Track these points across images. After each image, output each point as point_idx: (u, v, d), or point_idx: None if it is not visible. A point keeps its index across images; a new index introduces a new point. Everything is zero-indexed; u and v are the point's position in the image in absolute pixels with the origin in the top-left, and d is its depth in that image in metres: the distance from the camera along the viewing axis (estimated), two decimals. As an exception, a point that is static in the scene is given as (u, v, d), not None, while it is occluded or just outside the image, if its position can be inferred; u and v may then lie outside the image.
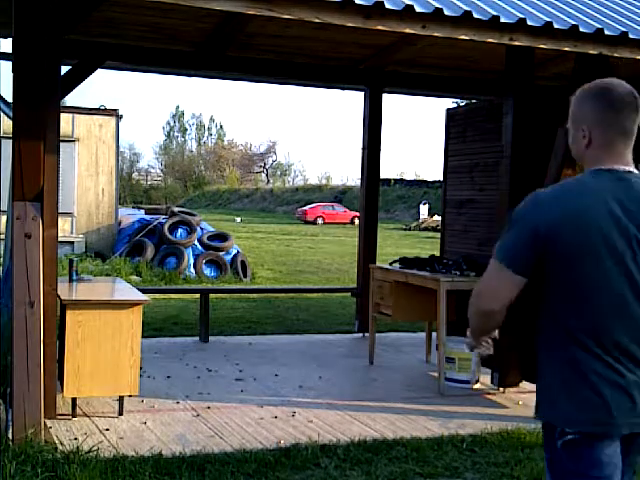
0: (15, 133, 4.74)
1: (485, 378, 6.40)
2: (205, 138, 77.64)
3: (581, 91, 2.52)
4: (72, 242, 16.18)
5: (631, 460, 2.48)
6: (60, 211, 5.32)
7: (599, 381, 2.32)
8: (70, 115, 16.25)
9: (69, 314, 5.00)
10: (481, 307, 2.47)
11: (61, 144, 5.29)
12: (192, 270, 14.56)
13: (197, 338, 8.05)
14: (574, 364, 2.35)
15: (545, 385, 2.43)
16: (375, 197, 8.67)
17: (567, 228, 2.31)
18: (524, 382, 6.21)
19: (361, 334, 8.42)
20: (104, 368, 5.05)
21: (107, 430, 4.86)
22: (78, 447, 4.39)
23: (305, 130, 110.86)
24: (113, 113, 17.48)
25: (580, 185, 2.40)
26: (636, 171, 2.41)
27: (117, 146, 17.56)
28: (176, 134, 77.03)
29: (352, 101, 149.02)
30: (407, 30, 4.49)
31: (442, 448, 4.74)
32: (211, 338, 8.05)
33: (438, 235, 6.24)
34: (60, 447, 4.46)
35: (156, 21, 6.25)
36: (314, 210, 45.41)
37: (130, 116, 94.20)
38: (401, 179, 53.48)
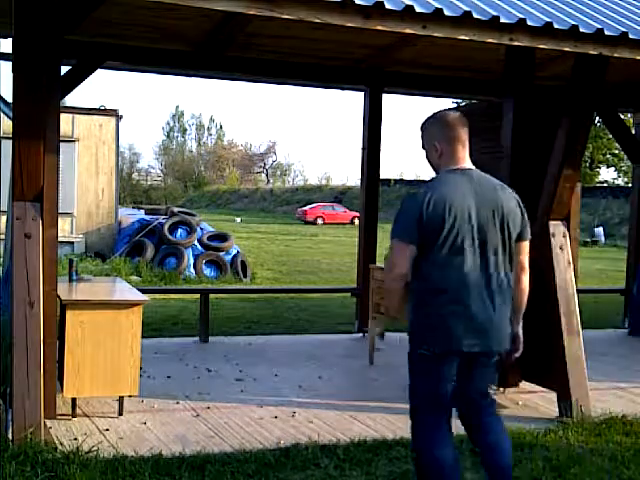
0: (15, 133, 4.74)
1: (485, 378, 6.39)
2: (205, 138, 77.61)
3: (426, 122, 3.60)
4: (72, 242, 16.20)
5: (474, 372, 3.50)
6: (60, 211, 5.32)
7: (445, 315, 3.35)
8: (70, 115, 16.26)
9: (69, 314, 5.00)
10: (395, 272, 3.36)
11: (61, 144, 5.28)
12: (192, 270, 14.57)
13: (197, 338, 8.05)
14: (434, 304, 3.37)
15: (415, 319, 3.44)
16: (375, 197, 8.67)
17: (436, 208, 3.32)
18: (524, 382, 6.20)
19: (361, 334, 8.42)
20: (104, 368, 5.05)
21: (107, 430, 4.86)
22: (78, 447, 4.39)
23: (305, 130, 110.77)
24: (113, 113, 17.50)
25: (440, 180, 3.47)
26: (473, 168, 3.53)
27: (117, 146, 17.58)
28: (176, 134, 77.00)
29: (352, 101, 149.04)
30: (407, 30, 4.49)
31: (442, 448, 4.73)
32: (211, 338, 8.05)
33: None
34: (60, 447, 4.46)
35: (156, 21, 6.24)
36: (314, 210, 45.40)
37: (130, 116, 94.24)
38: (401, 179, 53.46)
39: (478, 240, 3.37)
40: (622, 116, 10.23)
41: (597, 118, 12.94)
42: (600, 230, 34.69)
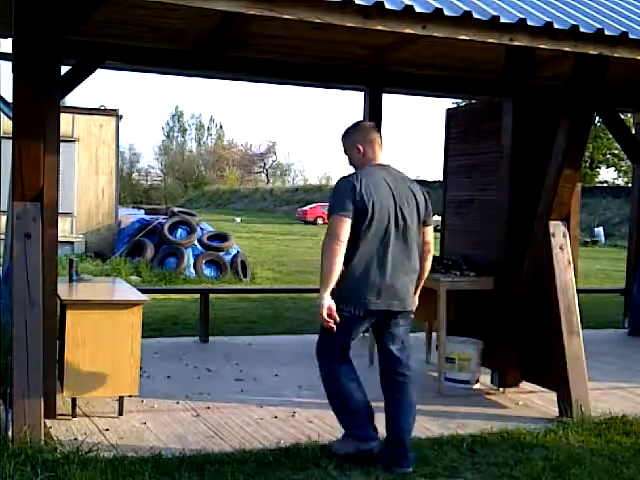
0: (15, 133, 4.74)
1: (485, 378, 6.40)
2: (205, 138, 77.71)
3: (348, 130, 4.50)
4: (72, 242, 16.20)
5: (390, 331, 4.44)
6: (60, 211, 5.31)
7: (367, 283, 4.21)
8: (70, 115, 16.24)
9: (69, 314, 5.00)
10: (336, 243, 4.10)
11: (61, 144, 5.27)
12: (192, 270, 14.57)
13: (197, 338, 8.05)
14: (360, 273, 4.21)
15: (343, 284, 4.20)
16: (375, 197, 8.65)
17: (365, 192, 4.17)
18: (524, 382, 6.21)
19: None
20: (104, 368, 5.05)
21: (107, 430, 4.86)
22: (78, 447, 4.39)
23: (305, 130, 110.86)
24: (113, 113, 17.49)
25: (366, 171, 4.33)
26: (390, 164, 4.45)
27: (117, 146, 17.57)
28: (176, 134, 77.04)
29: (352, 101, 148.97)
30: (407, 30, 4.48)
31: (442, 448, 4.74)
32: (211, 338, 8.05)
33: (438, 235, 6.24)
34: (60, 447, 4.46)
35: (156, 21, 6.23)
36: (314, 210, 45.42)
37: (130, 116, 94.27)
38: (401, 179, 53.33)
39: (394, 221, 4.25)
40: (622, 116, 10.22)
41: (597, 118, 12.93)
42: (600, 230, 34.71)
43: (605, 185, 46.00)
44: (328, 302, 4.13)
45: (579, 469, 4.46)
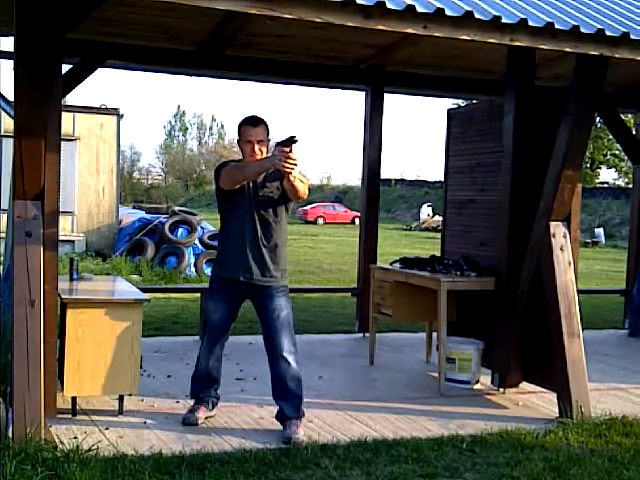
0: (16, 132, 4.74)
1: (485, 378, 6.40)
2: (206, 137, 77.65)
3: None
4: (73, 241, 16.20)
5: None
6: (61, 210, 5.32)
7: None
8: (71, 114, 16.25)
9: (69, 313, 5.01)
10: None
11: (62, 143, 5.28)
12: (192, 269, 14.57)
13: (197, 337, 8.03)
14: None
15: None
16: (376, 197, 8.66)
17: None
18: (524, 383, 6.21)
19: (361, 334, 8.41)
20: (104, 367, 5.06)
21: (107, 429, 4.86)
22: (78, 446, 4.38)
23: (305, 130, 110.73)
24: (114, 112, 17.49)
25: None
26: None
27: (118, 145, 17.57)
28: (177, 133, 77.03)
29: (353, 101, 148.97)
30: (408, 30, 4.48)
31: (442, 448, 4.73)
32: (211, 337, 8.02)
33: (438, 235, 6.23)
34: (60, 446, 4.46)
35: (157, 20, 6.24)
36: (315, 210, 45.40)
37: (131, 115, 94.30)
38: (402, 179, 53.48)
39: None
40: (622, 116, 10.22)
41: (598, 118, 12.92)
42: (600, 231, 34.70)
43: (606, 186, 45.99)
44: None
45: (579, 470, 4.46)
